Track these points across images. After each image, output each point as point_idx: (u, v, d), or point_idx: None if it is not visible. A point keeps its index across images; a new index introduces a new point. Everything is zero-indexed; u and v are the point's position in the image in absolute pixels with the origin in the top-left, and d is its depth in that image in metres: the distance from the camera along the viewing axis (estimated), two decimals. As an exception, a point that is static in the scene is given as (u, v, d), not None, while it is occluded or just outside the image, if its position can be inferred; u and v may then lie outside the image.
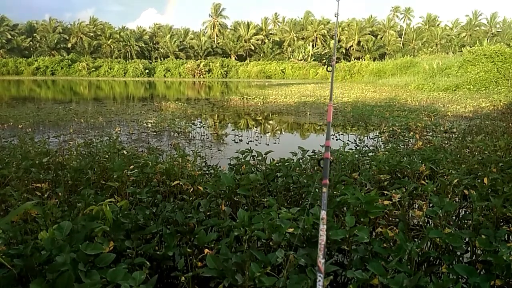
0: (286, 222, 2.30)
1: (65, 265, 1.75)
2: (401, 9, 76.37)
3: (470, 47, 30.24)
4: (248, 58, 71.07)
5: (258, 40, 72.50)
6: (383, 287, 1.87)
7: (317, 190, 3.14)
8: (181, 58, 68.26)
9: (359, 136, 8.82)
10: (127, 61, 64.86)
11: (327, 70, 3.09)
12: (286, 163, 3.99)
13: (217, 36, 75.02)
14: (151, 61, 67.62)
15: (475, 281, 1.86)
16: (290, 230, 2.28)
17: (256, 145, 8.37)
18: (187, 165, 4.17)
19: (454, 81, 24.23)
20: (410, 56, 46.46)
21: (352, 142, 7.81)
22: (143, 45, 70.97)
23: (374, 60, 55.64)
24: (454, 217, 3.08)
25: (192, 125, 10.75)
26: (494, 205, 2.67)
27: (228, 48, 71.94)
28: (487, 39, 58.79)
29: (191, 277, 2.08)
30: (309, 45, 66.57)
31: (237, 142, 8.74)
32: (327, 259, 2.25)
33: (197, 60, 66.24)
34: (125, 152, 5.07)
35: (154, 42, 74.41)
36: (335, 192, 2.96)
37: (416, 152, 5.08)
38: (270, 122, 12.66)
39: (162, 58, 69.61)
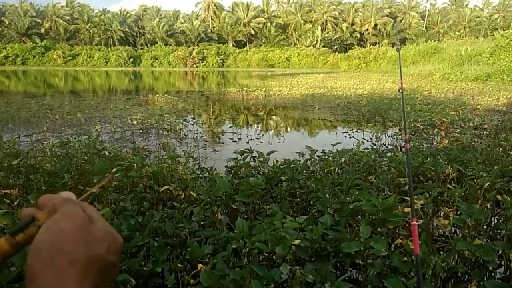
0: (292, 232, 2.30)
1: (38, 283, 1.75)
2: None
3: (504, 30, 30.19)
4: (247, 45, 71.12)
5: (259, 23, 72.52)
6: (404, 307, 1.87)
7: (327, 196, 3.14)
8: (170, 45, 68.32)
9: (375, 134, 8.82)
10: (109, 49, 64.97)
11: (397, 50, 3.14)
12: (292, 165, 3.98)
13: (212, 19, 75.05)
14: (136, 49, 67.73)
15: (509, 300, 1.85)
16: (296, 242, 2.28)
17: (257, 144, 8.38)
18: (178, 167, 4.18)
19: (485, 69, 24.20)
20: (434, 41, 46.43)
21: (367, 141, 7.82)
22: (127, 30, 71.06)
23: (393, 46, 55.61)
24: (485, 226, 3.08)
25: (184, 122, 10.77)
26: (531, 213, 2.66)
27: (224, 33, 71.99)
28: (524, 21, 58.68)
29: (183, 297, 2.08)
30: (317, 29, 66.53)
31: (235, 141, 8.75)
32: (339, 275, 2.25)
33: (189, 47, 66.30)
34: (106, 153, 5.08)
35: (140, 26, 74.50)
36: (348, 198, 2.96)
37: (441, 152, 5.08)
38: (273, 118, 12.67)
39: (149, 45, 69.69)
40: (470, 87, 19.05)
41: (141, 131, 9.55)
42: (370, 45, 60.64)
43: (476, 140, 7.16)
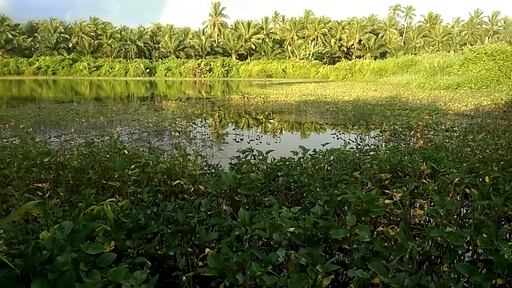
0: (287, 221, 2.30)
1: (66, 264, 1.75)
2: (402, 7, 76.39)
3: (471, 45, 30.14)
4: (249, 57, 71.00)
5: (258, 39, 72.41)
6: (384, 286, 1.87)
7: (317, 189, 3.13)
8: (181, 58, 68.24)
9: (360, 135, 8.82)
10: (128, 61, 64.86)
11: None
12: (287, 162, 3.99)
13: (217, 35, 74.97)
14: (151, 61, 67.62)
15: (476, 280, 1.85)
16: (291, 229, 2.28)
17: (257, 144, 8.37)
18: (188, 164, 4.17)
19: (455, 79, 24.17)
20: (411, 54, 46.34)
21: (353, 141, 7.80)
22: (143, 44, 70.96)
23: (375, 59, 55.57)
24: (455, 216, 3.08)
25: (193, 125, 10.76)
26: (495, 204, 2.66)
27: (228, 47, 71.89)
28: (489, 37, 58.72)
29: (192, 277, 2.08)
30: (310, 44, 66.47)
31: (238, 142, 8.74)
32: (328, 258, 2.25)
33: (197, 59, 66.23)
34: (126, 152, 5.07)
35: (155, 41, 74.39)
36: (336, 191, 2.95)
37: (417, 151, 5.07)
38: (271, 121, 12.65)
39: (162, 58, 69.59)
40: (442, 95, 19.03)
41: (156, 132, 9.54)
42: (355, 58, 60.54)
43: (447, 141, 7.15)
